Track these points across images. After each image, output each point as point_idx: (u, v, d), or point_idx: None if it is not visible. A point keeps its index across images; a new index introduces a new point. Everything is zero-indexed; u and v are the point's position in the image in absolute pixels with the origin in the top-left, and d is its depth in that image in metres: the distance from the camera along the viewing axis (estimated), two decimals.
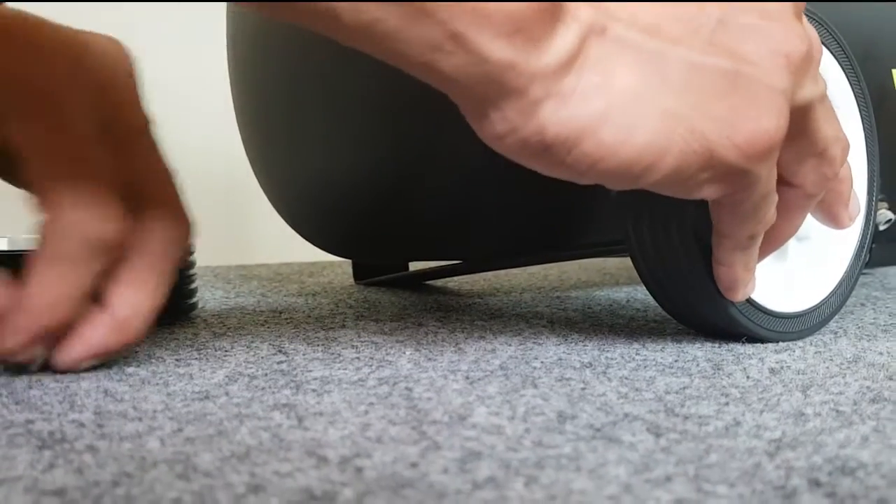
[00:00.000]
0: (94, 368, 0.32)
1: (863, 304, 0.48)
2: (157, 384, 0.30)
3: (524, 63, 0.24)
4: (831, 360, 0.33)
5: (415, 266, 0.58)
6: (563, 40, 0.24)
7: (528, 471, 0.21)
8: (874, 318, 0.44)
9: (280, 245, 0.82)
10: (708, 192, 0.29)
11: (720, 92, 0.26)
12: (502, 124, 0.25)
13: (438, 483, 0.20)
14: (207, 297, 0.53)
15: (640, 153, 0.26)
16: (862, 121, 0.39)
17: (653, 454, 0.22)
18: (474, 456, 0.22)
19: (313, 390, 0.29)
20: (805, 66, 0.28)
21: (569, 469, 0.21)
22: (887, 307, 0.48)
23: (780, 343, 0.37)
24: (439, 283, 0.59)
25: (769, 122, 0.27)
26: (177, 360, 0.34)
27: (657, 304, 0.37)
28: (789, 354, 0.34)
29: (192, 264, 0.45)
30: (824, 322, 0.39)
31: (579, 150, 0.25)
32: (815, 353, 0.35)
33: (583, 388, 0.29)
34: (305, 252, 0.72)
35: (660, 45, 0.26)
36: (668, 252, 0.34)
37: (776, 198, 0.31)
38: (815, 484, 0.20)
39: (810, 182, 0.32)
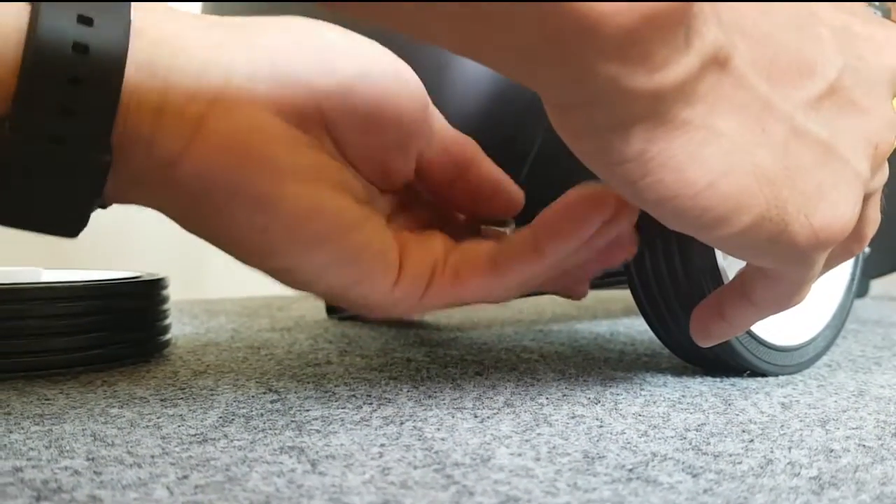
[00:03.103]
0: (73, 409, 0.30)
1: (844, 337, 0.48)
2: (149, 426, 0.28)
3: (630, 82, 0.20)
4: (837, 393, 0.33)
5: None
6: (682, 66, 0.21)
7: None
8: (861, 351, 0.44)
9: (243, 278, 0.80)
10: (762, 262, 0.27)
11: (812, 165, 0.24)
12: (584, 123, 0.22)
13: None
14: (177, 332, 0.51)
15: (718, 203, 0.23)
16: None
17: (697, 496, 0.21)
18: (512, 501, 0.20)
19: (317, 431, 0.27)
20: (885, 158, 0.26)
21: None
22: (869, 339, 0.48)
23: (780, 377, 0.36)
24: (415, 317, 0.58)
25: (847, 210, 0.25)
26: (162, 400, 0.32)
27: (644, 338, 0.36)
28: (794, 388, 0.34)
29: (165, 299, 0.43)
30: (820, 355, 0.38)
31: (656, 177, 0.22)
32: (819, 386, 0.34)
33: (600, 426, 0.28)
34: (271, 286, 0.70)
35: (770, 94, 0.23)
36: (670, 284, 0.34)
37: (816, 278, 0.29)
38: None
39: (836, 258, 0.30)
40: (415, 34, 0.20)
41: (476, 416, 0.29)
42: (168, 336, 0.44)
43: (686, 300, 0.33)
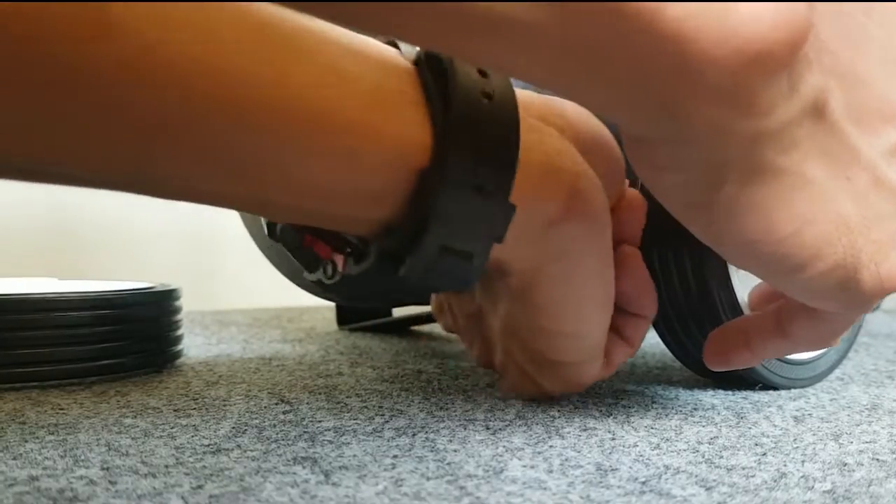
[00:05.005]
0: (88, 419, 0.30)
1: (856, 351, 0.48)
2: (162, 437, 0.28)
3: (729, 125, 0.20)
4: (850, 407, 0.33)
5: (399, 311, 0.56)
6: (785, 111, 0.20)
7: None
8: (874, 365, 0.43)
9: (253, 290, 0.81)
10: (822, 304, 0.26)
11: (887, 215, 0.24)
12: (667, 159, 0.22)
13: None
14: (188, 343, 0.51)
15: (799, 251, 0.23)
16: None
17: None
18: None
19: (330, 442, 0.27)
20: None
21: None
22: (881, 353, 0.48)
23: (792, 390, 0.36)
24: (426, 328, 0.58)
25: None
26: (175, 410, 0.32)
27: (655, 351, 0.36)
28: (806, 402, 0.34)
29: (178, 310, 0.44)
30: (832, 368, 0.38)
31: (741, 221, 0.22)
32: (831, 400, 0.34)
33: (612, 439, 0.28)
34: (280, 297, 0.70)
35: (858, 142, 0.23)
36: (683, 298, 0.34)
37: None
38: None
39: None
40: (496, 67, 0.20)
41: (488, 428, 0.29)
42: (180, 347, 0.44)
43: (698, 313, 0.33)
